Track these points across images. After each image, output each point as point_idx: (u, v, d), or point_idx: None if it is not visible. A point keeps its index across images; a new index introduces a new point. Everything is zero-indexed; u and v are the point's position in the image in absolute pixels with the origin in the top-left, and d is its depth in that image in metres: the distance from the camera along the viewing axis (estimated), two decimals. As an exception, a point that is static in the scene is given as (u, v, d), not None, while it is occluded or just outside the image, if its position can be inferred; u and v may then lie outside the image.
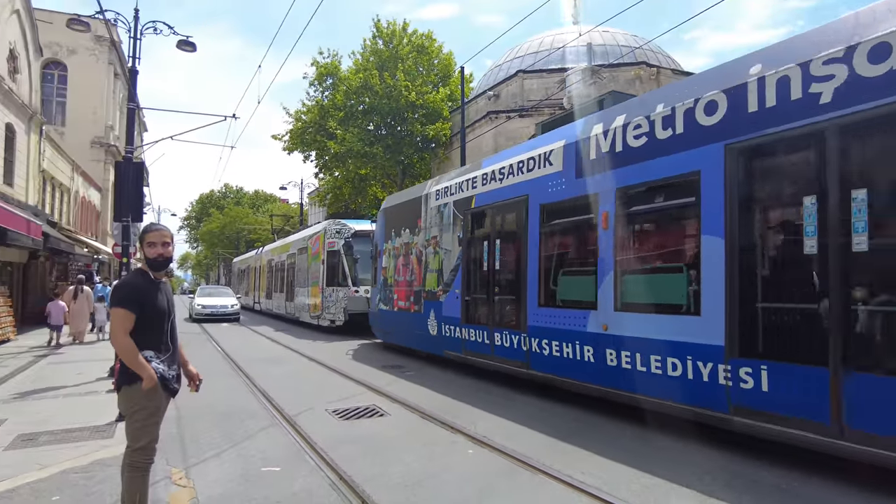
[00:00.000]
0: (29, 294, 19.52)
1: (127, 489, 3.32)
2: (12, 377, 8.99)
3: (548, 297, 7.60)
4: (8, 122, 17.77)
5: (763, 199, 5.18)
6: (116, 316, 3.24)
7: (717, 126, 5.43)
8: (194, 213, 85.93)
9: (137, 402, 3.30)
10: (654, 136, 6.12)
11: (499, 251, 8.76)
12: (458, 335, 9.57)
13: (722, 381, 5.14)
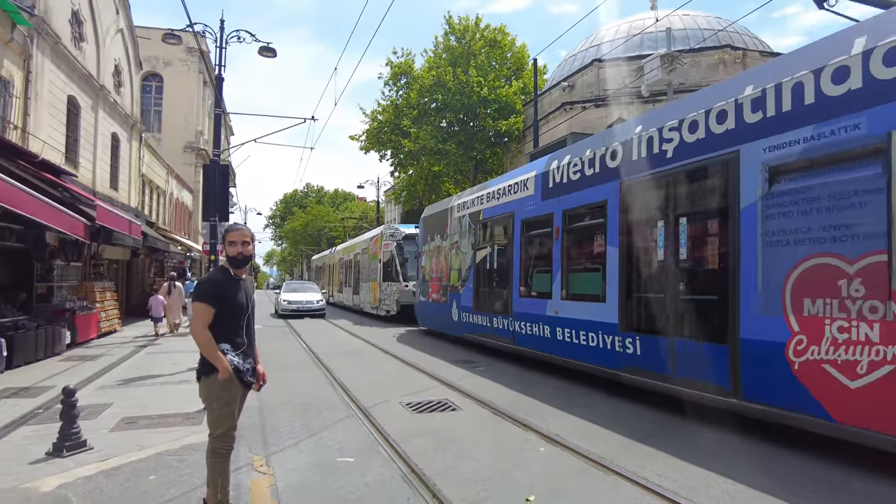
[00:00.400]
0: (132, 289, 21.24)
1: (210, 473, 3.53)
2: (118, 365, 9.81)
3: (526, 289, 9.88)
4: (113, 132, 19.37)
5: (639, 221, 7.24)
6: (197, 309, 3.45)
7: (616, 168, 7.66)
8: (279, 212, 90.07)
9: (214, 392, 3.50)
10: (584, 172, 8.39)
11: (497, 255, 11.16)
12: (470, 320, 11.97)
13: (617, 348, 7.39)
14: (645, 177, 7.08)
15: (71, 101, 15.78)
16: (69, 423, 4.97)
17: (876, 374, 4.43)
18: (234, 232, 3.70)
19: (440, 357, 11.28)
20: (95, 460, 4.79)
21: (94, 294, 13.43)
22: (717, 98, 6.18)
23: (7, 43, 12.36)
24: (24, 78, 13.22)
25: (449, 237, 13.68)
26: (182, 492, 4.15)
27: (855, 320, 4.62)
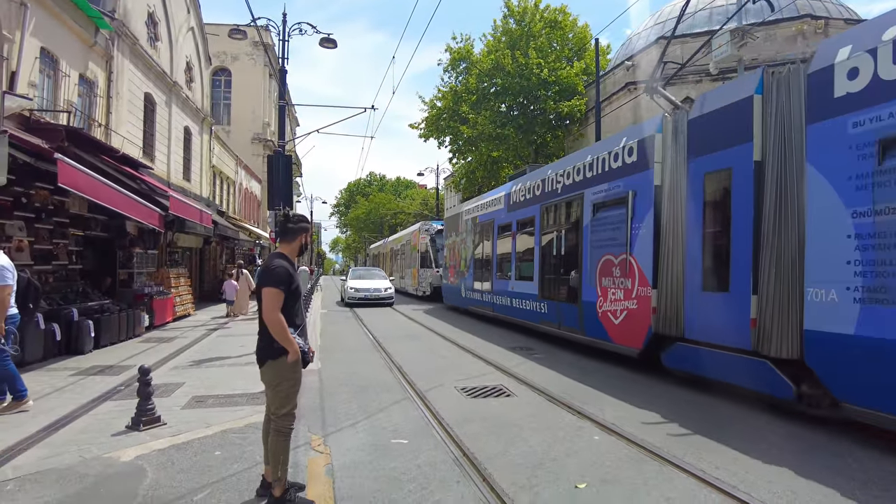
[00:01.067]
0: (205, 275, 22.40)
1: (272, 451, 3.69)
2: (190, 347, 10.40)
3: (500, 273, 14.02)
4: (186, 126, 20.37)
5: (549, 229, 11.21)
6: (271, 294, 3.54)
7: (539, 195, 11.75)
8: (343, 201, 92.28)
9: (283, 374, 3.66)
10: (526, 196, 12.47)
11: (484, 248, 15.51)
12: (471, 297, 16.53)
13: (537, 309, 11.46)
14: (550, 203, 11.21)
15: (147, 98, 16.70)
16: (145, 399, 5.33)
17: (623, 316, 8.45)
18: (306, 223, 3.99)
19: (497, 343, 11.28)
20: (168, 435, 5.12)
21: (170, 280, 14.27)
22: (578, 160, 10.14)
23: (91, 46, 13.20)
24: (107, 78, 14.10)
25: (460, 235, 18.14)
26: (244, 467, 4.37)
27: (617, 289, 8.61)
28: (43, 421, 5.59)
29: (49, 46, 11.38)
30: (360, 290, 21.39)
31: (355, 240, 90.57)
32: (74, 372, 7.98)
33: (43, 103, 11.28)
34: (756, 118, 6.21)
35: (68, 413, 5.87)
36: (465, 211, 17.65)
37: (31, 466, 4.39)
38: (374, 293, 21.41)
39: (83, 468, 4.36)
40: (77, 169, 8.42)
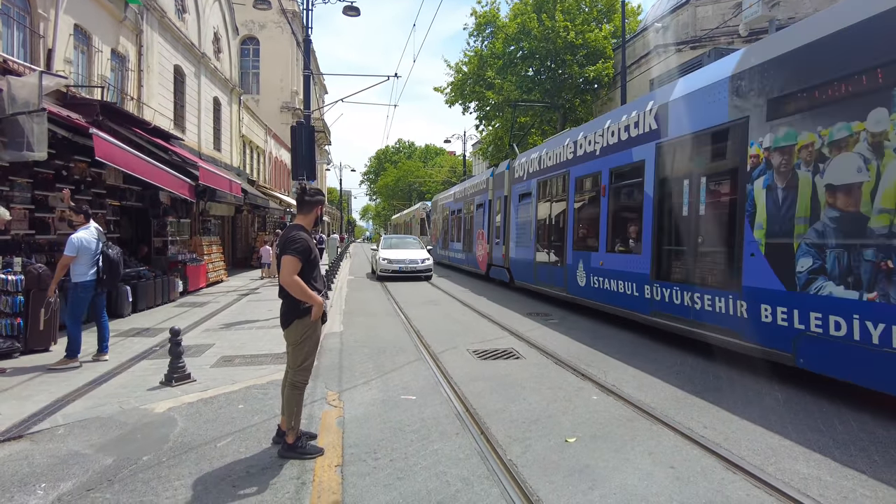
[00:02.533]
0: (237, 242, 23.15)
1: (287, 403, 4.08)
2: (222, 311, 10.98)
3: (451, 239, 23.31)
4: (215, 96, 20.81)
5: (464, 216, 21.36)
6: (289, 262, 3.91)
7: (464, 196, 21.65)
8: (372, 168, 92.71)
9: (306, 332, 4.06)
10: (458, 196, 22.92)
11: (446, 224, 25.15)
12: (441, 254, 25.80)
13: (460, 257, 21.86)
14: (463, 201, 21.14)
15: (177, 70, 17.13)
16: (176, 358, 5.81)
17: (481, 256, 18.45)
18: (321, 196, 4.35)
19: (514, 309, 11.56)
20: (197, 390, 5.60)
21: (202, 247, 14.90)
22: (472, 181, 20.02)
23: (122, 21, 13.60)
24: (137, 52, 14.53)
25: (436, 214, 27.71)
26: (263, 419, 4.80)
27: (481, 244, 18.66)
28: (88, 376, 6.15)
29: (82, 23, 11.80)
30: (393, 262, 18.84)
31: (385, 207, 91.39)
32: (115, 334, 8.56)
33: (78, 79, 11.77)
34: (505, 179, 15.89)
35: (110, 370, 6.42)
36: (439, 199, 27.91)
37: (79, 415, 4.91)
38: (411, 265, 18.90)
39: (123, 417, 4.86)
40: (111, 142, 8.88)
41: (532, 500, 3.36)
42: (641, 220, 8.40)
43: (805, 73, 5.66)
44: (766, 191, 6.01)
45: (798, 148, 5.63)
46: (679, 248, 7.71)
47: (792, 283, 5.61)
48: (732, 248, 6.50)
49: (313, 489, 3.49)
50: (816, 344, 5.33)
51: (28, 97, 7.34)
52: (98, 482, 3.62)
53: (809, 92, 5.57)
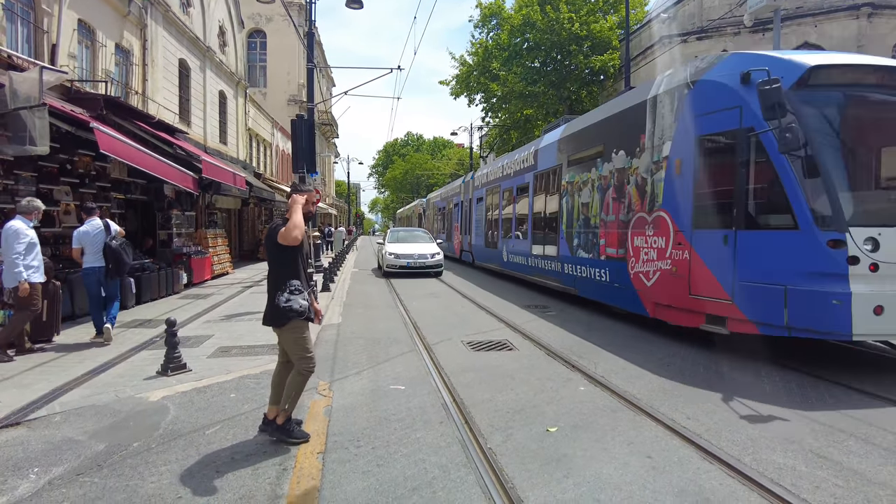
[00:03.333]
0: (243, 235, 23.35)
1: (289, 386, 4.19)
2: (225, 302, 11.14)
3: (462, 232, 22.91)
4: (220, 90, 20.95)
5: (445, 213, 27.37)
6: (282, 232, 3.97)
7: (447, 197, 26.87)
8: (380, 161, 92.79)
9: (299, 329, 4.15)
10: (444, 196, 28.16)
11: (442, 217, 28.71)
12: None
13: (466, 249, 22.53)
14: (444, 203, 27.20)
15: (182, 64, 17.27)
16: (172, 349, 5.93)
17: (456, 244, 23.97)
18: (311, 192, 4.33)
19: (514, 302, 11.61)
20: (192, 380, 5.72)
21: (207, 240, 15.07)
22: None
23: (126, 16, 13.73)
24: (142, 46, 14.67)
25: (430, 210, 32.72)
26: (253, 408, 4.91)
27: (456, 234, 24.18)
28: (88, 366, 6.29)
29: (86, 18, 11.93)
30: (401, 257, 17.40)
31: (393, 200, 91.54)
32: (117, 324, 8.71)
33: (82, 73, 11.92)
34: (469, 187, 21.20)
35: (109, 360, 6.56)
36: (431, 198, 33.66)
37: (75, 403, 5.05)
38: (420, 260, 17.45)
39: (117, 405, 4.99)
40: (113, 136, 9.01)
41: (507, 487, 3.43)
42: (528, 219, 13.80)
43: (574, 145, 11.16)
44: (565, 204, 11.28)
45: (574, 182, 10.90)
46: (541, 234, 12.92)
47: (573, 251, 10.88)
48: (557, 233, 11.72)
49: (293, 474, 3.59)
50: (582, 282, 10.50)
51: (29, 92, 7.47)
52: (88, 467, 3.74)
53: (575, 154, 10.98)
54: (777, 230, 6.14)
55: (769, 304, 6.07)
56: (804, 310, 5.80)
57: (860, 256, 5.55)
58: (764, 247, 6.22)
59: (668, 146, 7.62)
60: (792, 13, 17.96)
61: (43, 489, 3.44)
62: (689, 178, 7.18)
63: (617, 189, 9.11)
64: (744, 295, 6.33)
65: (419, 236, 19.90)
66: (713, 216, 6.87)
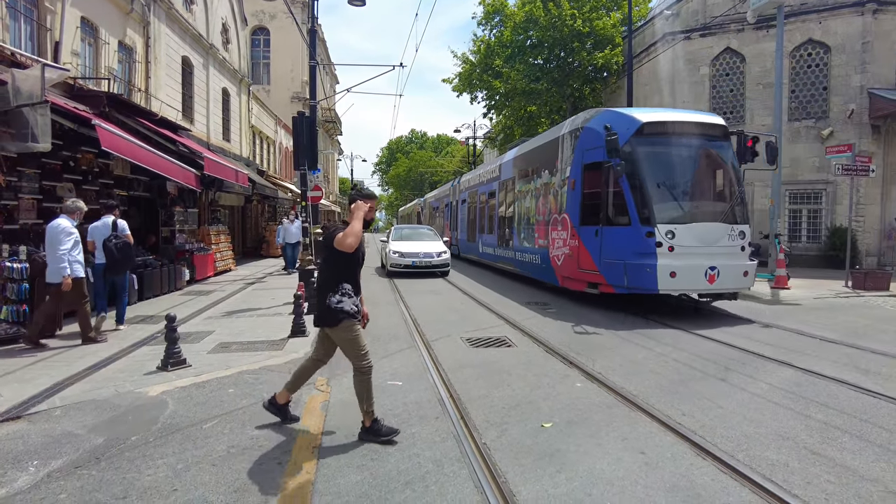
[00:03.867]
0: (247, 232, 23.43)
1: (359, 390, 4.22)
2: (226, 299, 11.20)
3: (451, 229, 25.23)
4: (224, 87, 21.00)
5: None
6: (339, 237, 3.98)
7: (441, 197, 29.90)
8: (384, 159, 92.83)
9: (353, 329, 4.17)
10: (439, 198, 31.28)
11: (434, 217, 32.33)
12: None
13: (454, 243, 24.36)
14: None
15: (185, 62, 17.32)
16: (172, 344, 5.97)
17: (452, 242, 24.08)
18: (375, 200, 4.36)
19: (514, 299, 11.63)
20: (191, 375, 5.77)
21: (210, 237, 15.14)
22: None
23: (128, 13, 13.77)
24: (144, 44, 14.71)
25: (426, 209, 35.44)
26: (251, 402, 4.95)
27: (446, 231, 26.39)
28: (89, 361, 6.35)
29: (88, 15, 11.98)
30: (406, 255, 16.56)
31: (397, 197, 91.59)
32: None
33: (85, 71, 11.98)
34: (456, 190, 25.25)
35: (110, 355, 6.62)
36: (427, 198, 36.93)
37: (75, 397, 5.10)
38: (425, 259, 16.58)
39: (117, 400, 5.04)
40: (115, 133, 9.06)
41: (499, 481, 3.45)
42: (495, 218, 17.32)
43: (522, 163, 14.64)
44: (516, 207, 14.82)
45: (522, 191, 14.32)
46: (502, 230, 16.33)
47: (521, 242, 14.32)
48: (512, 229, 15.25)
49: (288, 468, 3.63)
50: (526, 265, 13.92)
51: (32, 89, 7.52)
52: (87, 460, 3.79)
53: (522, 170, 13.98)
54: (621, 226, 9.53)
55: (617, 273, 9.43)
56: (634, 275, 9.19)
57: (663, 242, 8.93)
58: (615, 237, 9.45)
59: (569, 169, 11.09)
60: (796, 9, 17.84)
61: (42, 481, 3.49)
62: (579, 192, 10.55)
63: (544, 198, 12.63)
64: (605, 268, 9.71)
65: (424, 234, 19.14)
66: (591, 217, 10.20)
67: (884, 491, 3.39)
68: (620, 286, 9.40)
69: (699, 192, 10.00)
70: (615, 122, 9.62)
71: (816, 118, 18.20)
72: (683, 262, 8.90)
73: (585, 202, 10.33)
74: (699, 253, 9.03)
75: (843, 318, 9.46)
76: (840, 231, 16.54)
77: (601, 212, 9.89)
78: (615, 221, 9.68)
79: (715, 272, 8.97)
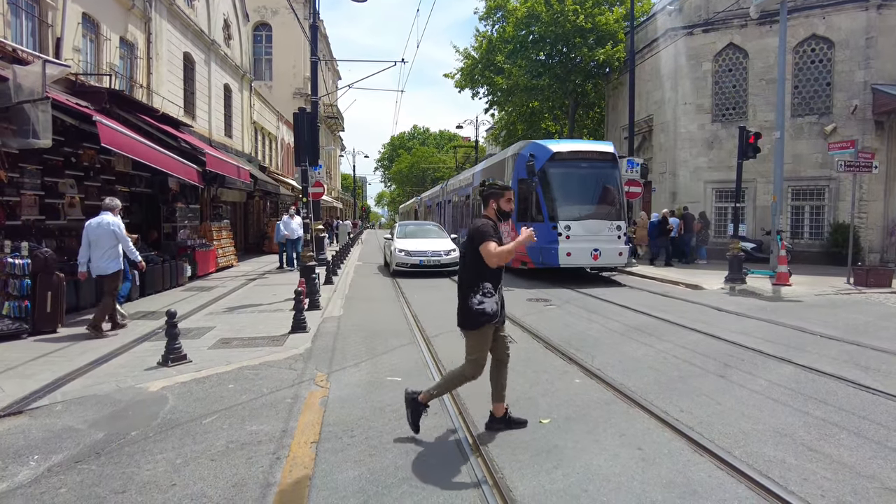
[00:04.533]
0: (249, 228, 23.46)
1: (448, 377, 4.30)
2: (227, 295, 11.23)
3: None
4: (225, 83, 21.00)
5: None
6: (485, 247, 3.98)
7: (447, 194, 28.79)
8: (386, 155, 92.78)
9: (486, 335, 4.17)
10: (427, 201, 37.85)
11: (427, 215, 36.36)
12: None
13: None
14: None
15: (186, 58, 17.32)
16: (172, 340, 6.00)
17: None
18: (510, 191, 4.34)
19: (516, 295, 11.62)
20: (191, 371, 5.80)
21: (212, 233, 15.17)
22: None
23: (130, 9, 13.77)
24: (146, 40, 14.71)
25: (422, 206, 39.62)
26: (251, 398, 4.97)
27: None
28: (90, 356, 6.38)
29: (90, 11, 11.99)
30: (412, 254, 15.34)
31: (399, 194, 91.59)
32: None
33: (87, 67, 11.99)
34: (444, 191, 29.62)
35: (111, 351, 6.66)
36: (423, 197, 40.89)
37: (77, 392, 5.13)
38: (433, 258, 15.34)
39: (118, 395, 5.07)
40: (115, 129, 9.07)
41: (496, 477, 3.47)
42: (469, 215, 20.91)
43: (484, 175, 18.07)
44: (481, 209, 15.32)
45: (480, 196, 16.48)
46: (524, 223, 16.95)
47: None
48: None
49: (286, 463, 3.65)
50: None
51: (32, 86, 7.54)
52: (87, 455, 3.82)
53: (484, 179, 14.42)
54: (538, 222, 13.53)
55: (536, 255, 13.58)
56: (545, 256, 13.42)
57: (563, 232, 13.26)
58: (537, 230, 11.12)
59: (511, 182, 14.70)
60: (799, 4, 17.74)
61: (42, 476, 3.51)
62: (517, 198, 13.57)
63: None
64: (530, 252, 13.56)
65: (431, 230, 17.98)
66: (523, 215, 14.08)
67: (880, 487, 3.39)
68: (538, 263, 13.60)
69: (589, 199, 14.06)
70: (537, 151, 14.11)
71: (819, 114, 18.13)
72: (576, 246, 13.29)
73: (519, 206, 13.97)
74: (587, 240, 13.36)
75: (844, 314, 9.44)
76: (842, 228, 16.50)
77: (528, 212, 14.15)
78: (535, 219, 13.85)
79: (598, 252, 13.37)
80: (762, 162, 16.57)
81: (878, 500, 3.25)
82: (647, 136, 22.90)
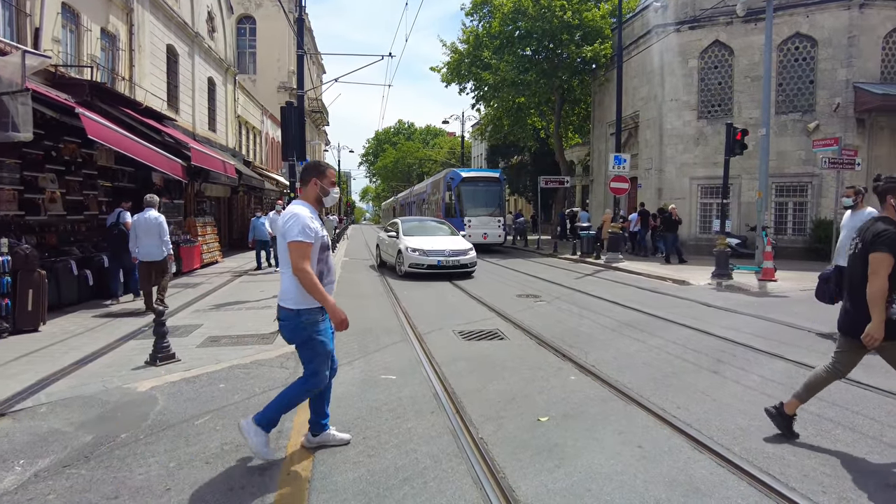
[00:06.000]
0: (233, 223, 23.15)
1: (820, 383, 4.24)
2: (214, 291, 11.06)
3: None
4: (209, 76, 20.66)
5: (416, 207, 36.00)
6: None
7: (414, 197, 37.88)
8: (371, 150, 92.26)
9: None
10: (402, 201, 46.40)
11: (401, 212, 42.48)
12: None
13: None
14: (412, 199, 38.26)
15: (170, 50, 16.98)
16: (160, 338, 5.86)
17: None
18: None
19: (506, 292, 11.61)
20: (181, 370, 5.67)
21: (196, 228, 14.92)
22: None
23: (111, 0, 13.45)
24: (128, 31, 14.38)
25: (399, 205, 46.75)
26: (243, 398, 4.87)
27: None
28: (75, 356, 6.22)
29: (70, 1, 11.67)
30: (429, 253, 13.71)
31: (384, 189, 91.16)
32: (104, 314, 8.67)
33: (67, 59, 11.68)
34: (413, 193, 39.74)
35: (97, 350, 6.49)
36: (398, 198, 48.66)
37: (62, 393, 4.98)
38: (453, 258, 13.79)
39: (105, 396, 4.93)
40: (100, 122, 8.85)
41: (497, 477, 3.42)
42: (422, 213, 30.72)
43: (433, 185, 29.80)
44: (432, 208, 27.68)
45: (433, 200, 28.72)
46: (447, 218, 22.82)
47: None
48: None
49: (283, 465, 3.57)
50: None
51: (11, 77, 7.30)
52: (75, 459, 3.70)
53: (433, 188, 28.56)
54: (455, 217, 22.32)
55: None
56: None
57: (467, 224, 22.07)
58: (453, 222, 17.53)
59: (441, 192, 25.03)
60: (784, 3, 17.90)
61: (29, 481, 3.39)
62: (444, 203, 24.43)
63: (436, 204, 26.18)
64: None
65: (438, 227, 16.25)
66: (447, 214, 23.40)
67: (880, 483, 3.41)
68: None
69: (483, 204, 23.29)
70: (455, 176, 23.73)
71: (803, 111, 18.35)
72: (474, 231, 21.56)
73: (447, 208, 23.70)
74: (480, 228, 22.30)
75: (831, 310, 9.53)
76: (824, 224, 16.72)
77: (450, 211, 23.23)
78: (454, 215, 22.64)
79: (486, 235, 22.40)
80: (747, 158, 16.72)
81: (879, 496, 3.27)
82: (633, 132, 23.01)
